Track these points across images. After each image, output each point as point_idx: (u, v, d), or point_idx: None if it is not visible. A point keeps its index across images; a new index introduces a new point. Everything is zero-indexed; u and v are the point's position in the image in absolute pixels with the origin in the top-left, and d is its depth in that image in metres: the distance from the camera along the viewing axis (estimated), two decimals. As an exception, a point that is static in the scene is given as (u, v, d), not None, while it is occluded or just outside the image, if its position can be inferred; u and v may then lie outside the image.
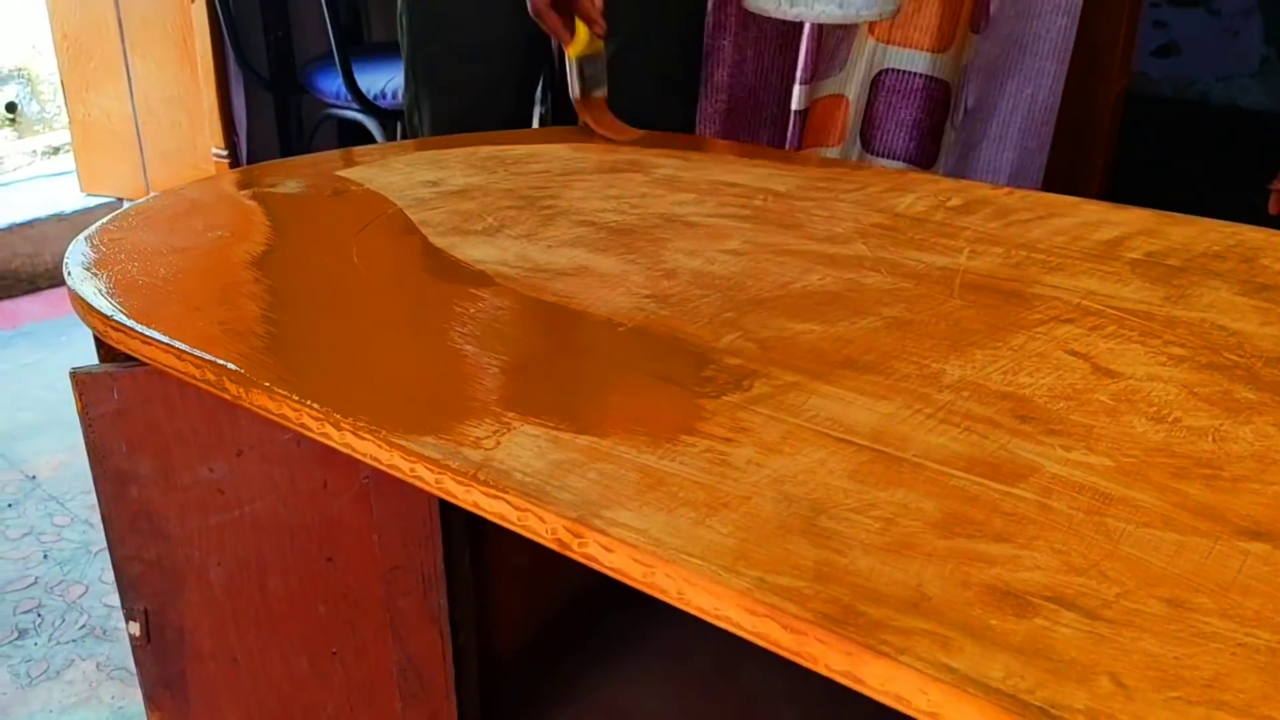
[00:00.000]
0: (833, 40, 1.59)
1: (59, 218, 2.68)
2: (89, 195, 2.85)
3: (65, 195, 2.87)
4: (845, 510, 0.51)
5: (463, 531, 0.88)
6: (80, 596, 1.48)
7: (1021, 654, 0.41)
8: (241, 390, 0.63)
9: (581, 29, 1.21)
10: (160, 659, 0.80)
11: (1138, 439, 0.57)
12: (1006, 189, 1.04)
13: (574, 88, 1.25)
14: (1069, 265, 0.82)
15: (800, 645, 0.43)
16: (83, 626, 1.42)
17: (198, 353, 0.65)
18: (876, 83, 1.63)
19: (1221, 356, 0.66)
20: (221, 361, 0.64)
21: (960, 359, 0.66)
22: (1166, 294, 0.77)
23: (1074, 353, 0.67)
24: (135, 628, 0.79)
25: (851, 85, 1.62)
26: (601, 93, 1.27)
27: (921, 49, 1.62)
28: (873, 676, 0.41)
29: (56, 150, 3.24)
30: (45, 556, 1.55)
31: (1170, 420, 0.59)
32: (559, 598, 1.10)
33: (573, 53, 1.23)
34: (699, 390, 0.62)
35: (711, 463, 0.54)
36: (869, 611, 0.43)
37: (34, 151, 3.27)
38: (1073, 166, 2.48)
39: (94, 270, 0.79)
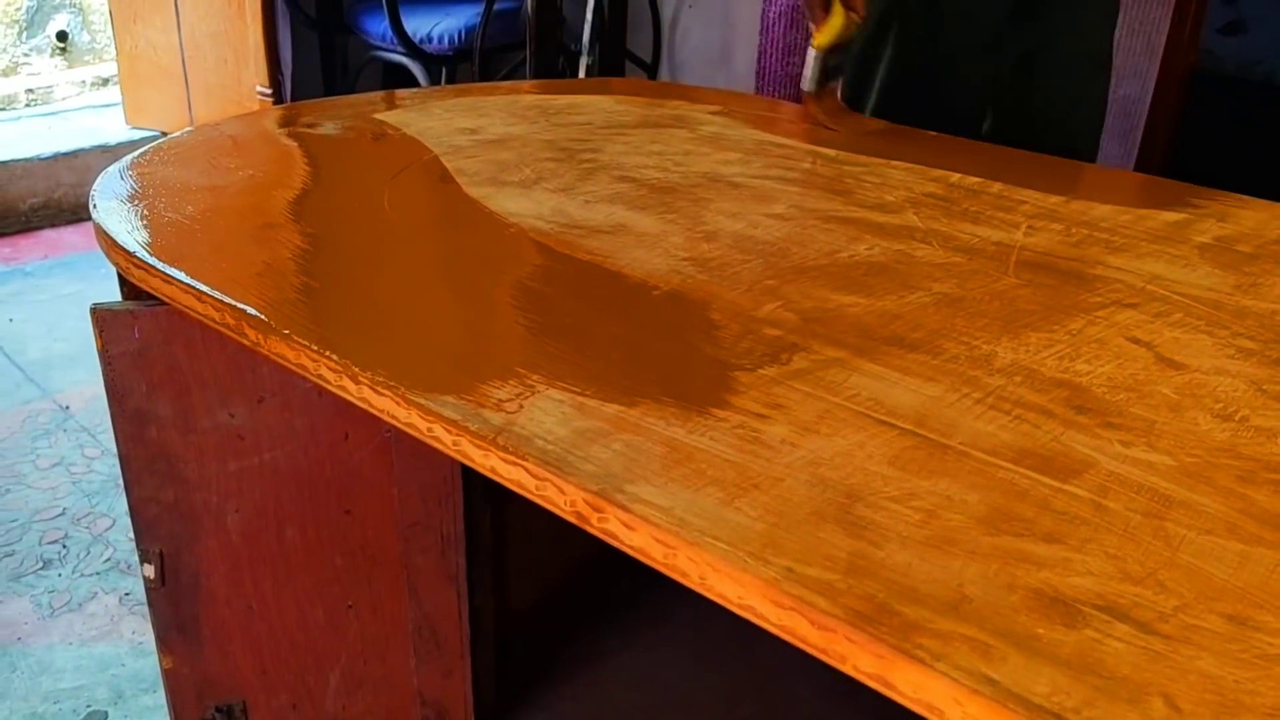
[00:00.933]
0: None
1: (103, 149, 2.68)
2: (134, 128, 2.85)
3: (111, 126, 2.87)
4: (884, 499, 0.47)
5: (484, 492, 0.86)
6: (107, 530, 1.48)
7: (1069, 668, 0.38)
8: (260, 337, 0.60)
9: (838, 13, 1.05)
10: (174, 603, 0.79)
11: (1202, 437, 0.53)
12: (1070, 162, 0.99)
13: (809, 78, 1.09)
14: (1133, 246, 0.77)
15: (828, 643, 0.40)
16: (107, 560, 1.42)
17: (219, 295, 0.63)
18: None
19: (1295, 353, 0.62)
20: (242, 306, 0.62)
21: (1013, 341, 0.63)
22: (1237, 282, 0.72)
23: (1136, 340, 0.63)
24: (150, 570, 0.78)
25: None
26: (836, 84, 1.13)
27: None
28: (905, 683, 0.39)
29: (105, 81, 3.23)
30: (74, 487, 1.56)
31: (1238, 418, 0.55)
32: (579, 562, 1.08)
33: (821, 40, 1.07)
34: (734, 362, 0.59)
35: (743, 440, 0.51)
36: (905, 611, 0.41)
37: (83, 82, 3.27)
38: (1139, 145, 2.39)
39: (121, 204, 0.77)
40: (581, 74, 2.20)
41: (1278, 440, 0.53)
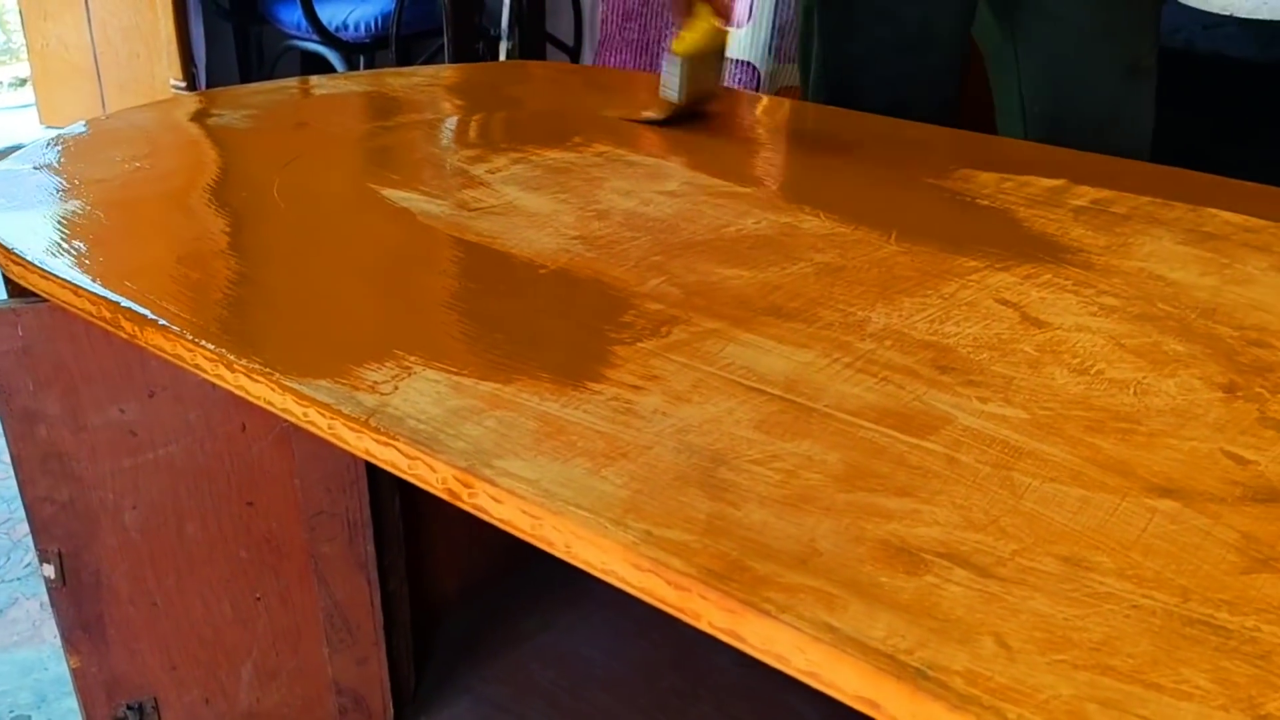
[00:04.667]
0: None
1: (17, 150, 2.62)
2: (49, 128, 2.78)
3: (28, 128, 2.80)
4: (746, 461, 0.49)
5: (391, 477, 0.86)
6: (26, 535, 1.46)
7: (907, 613, 0.40)
8: (137, 329, 0.60)
9: (703, 17, 0.94)
10: (76, 602, 0.78)
11: (1057, 391, 0.55)
12: (959, 131, 1.01)
13: (672, 86, 0.95)
14: (1011, 211, 0.80)
15: (684, 602, 0.42)
16: (27, 565, 1.40)
17: (94, 288, 0.63)
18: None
19: (1155, 307, 0.65)
20: (116, 298, 0.61)
21: (888, 307, 0.64)
22: (1108, 243, 0.75)
23: (1004, 301, 0.65)
24: (50, 570, 0.77)
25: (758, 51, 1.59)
26: (708, 103, 1.00)
27: None
28: (754, 635, 0.40)
29: (24, 81, 3.15)
30: (-10, 494, 1.53)
31: (1093, 372, 0.57)
32: (499, 546, 1.08)
33: (680, 47, 0.95)
34: (614, 336, 0.60)
35: (616, 411, 0.53)
36: (756, 567, 0.42)
37: (1, 83, 3.18)
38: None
39: (4, 202, 0.75)
40: (502, 58, 2.19)
41: (1129, 390, 0.56)
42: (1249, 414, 0.54)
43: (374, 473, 0.84)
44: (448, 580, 1.04)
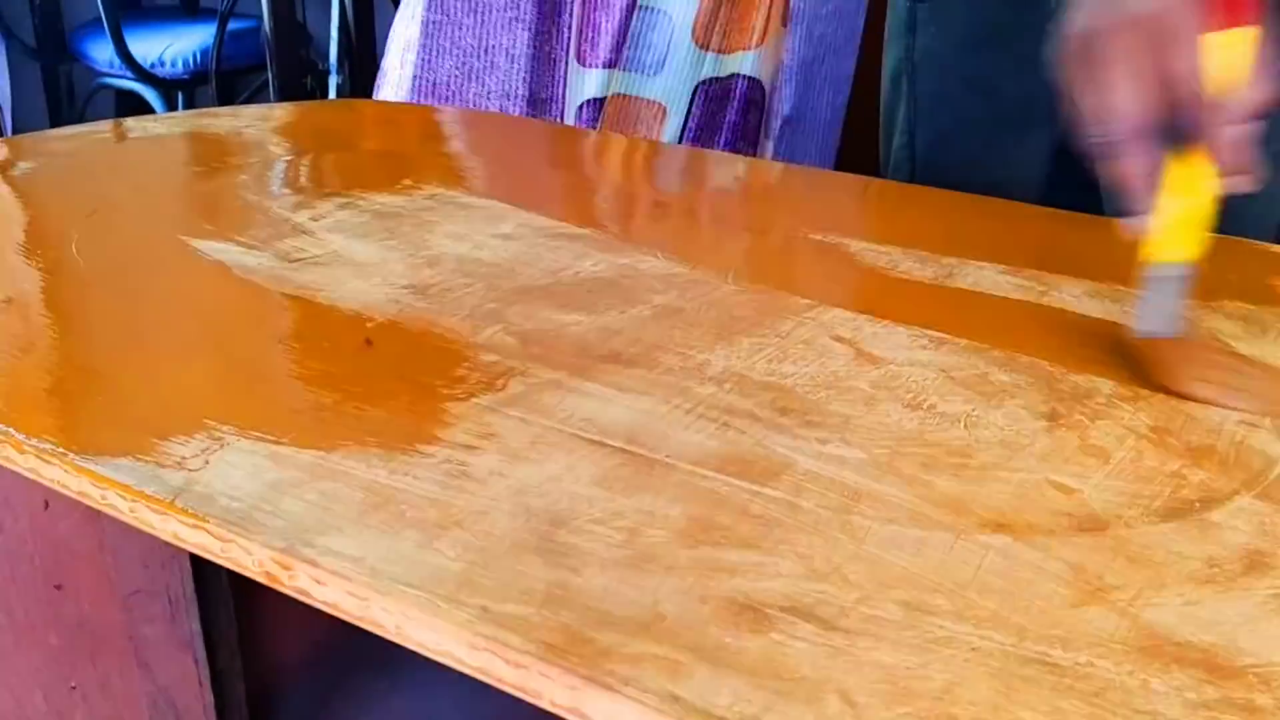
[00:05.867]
0: (640, 26, 1.55)
1: None
2: None
3: None
4: (587, 521, 0.47)
5: (218, 546, 0.80)
6: None
7: (753, 675, 0.38)
8: (-93, 410, 0.54)
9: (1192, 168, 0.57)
10: None
11: (892, 428, 0.56)
12: (797, 168, 1.03)
13: (1154, 318, 0.61)
14: (843, 245, 0.81)
15: (523, 680, 0.39)
16: None
17: None
18: (697, 93, 1.60)
19: (981, 338, 0.67)
20: (-118, 377, 0.55)
21: (727, 348, 0.64)
22: (935, 273, 0.77)
23: (839, 338, 0.66)
24: None
25: (675, 96, 1.58)
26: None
27: (743, 49, 1.60)
28: (597, 712, 0.38)
29: None
30: None
31: (925, 406, 0.58)
32: (341, 606, 1.03)
33: (1162, 251, 0.60)
34: (447, 392, 0.58)
35: (449, 475, 0.50)
36: (597, 638, 0.40)
37: None
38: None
39: None
40: (332, 94, 2.12)
41: (960, 423, 0.57)
42: (1071, 442, 0.55)
43: (199, 543, 0.78)
44: (285, 648, 0.98)
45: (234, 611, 0.84)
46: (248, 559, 0.45)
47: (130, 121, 1.10)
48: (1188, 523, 0.49)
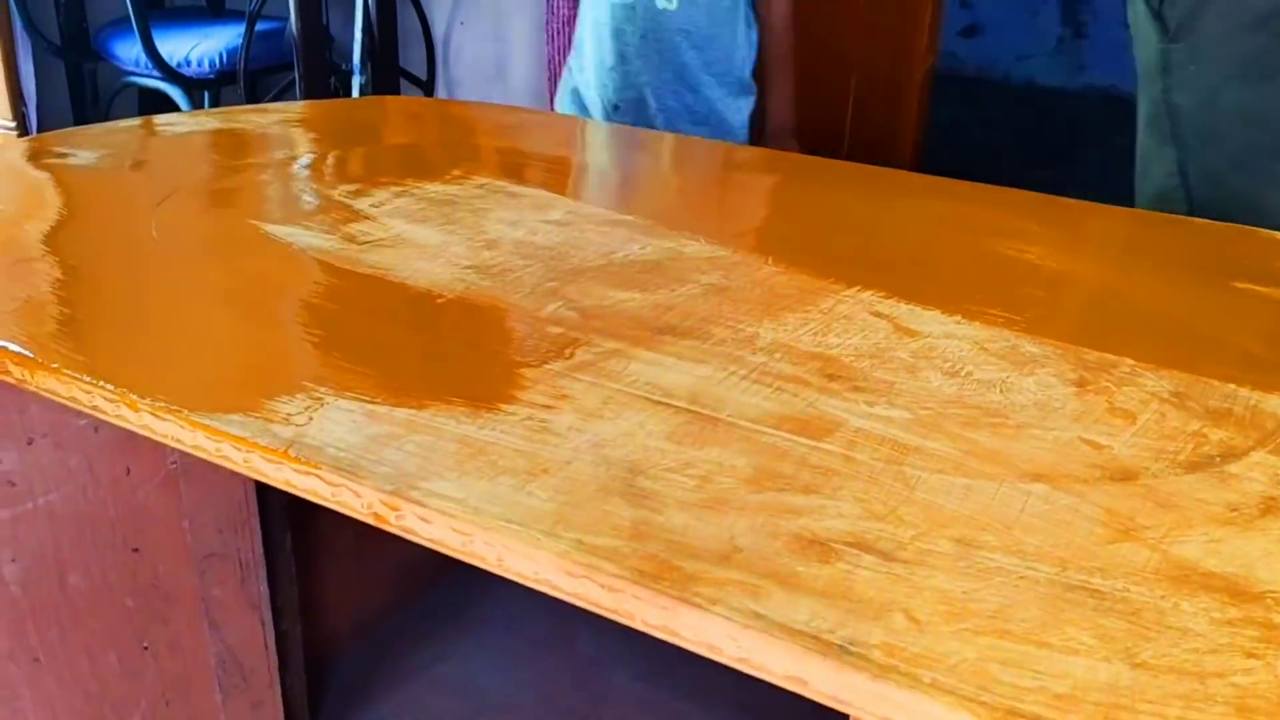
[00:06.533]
0: None
1: None
2: None
3: None
4: (662, 470, 0.52)
5: (283, 514, 0.85)
6: None
7: (825, 597, 0.43)
8: (27, 373, 0.58)
9: None
10: (-52, 666, 0.74)
11: (934, 392, 0.60)
12: (832, 161, 1.08)
13: None
14: (875, 225, 0.86)
15: (618, 603, 0.44)
16: None
17: (-25, 334, 0.60)
18: None
19: (1010, 315, 0.71)
20: (2, 343, 0.59)
21: (774, 322, 0.69)
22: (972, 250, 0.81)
23: (878, 314, 0.70)
24: (-83, 634, 0.73)
25: None
26: None
27: None
28: (686, 628, 0.43)
29: None
30: None
31: (963, 374, 0.63)
32: (387, 576, 1.08)
33: None
34: (520, 360, 0.62)
35: (532, 430, 0.55)
36: (683, 566, 0.45)
37: None
38: (886, 147, 2.59)
39: None
40: (355, 93, 2.17)
41: (996, 389, 0.61)
42: (1100, 405, 0.60)
43: (264, 510, 0.83)
44: (340, 617, 1.02)
45: (296, 579, 0.88)
46: (356, 501, 0.50)
47: (165, 118, 1.15)
48: (1209, 474, 0.53)
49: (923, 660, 0.40)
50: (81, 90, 2.48)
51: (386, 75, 2.24)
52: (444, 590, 1.09)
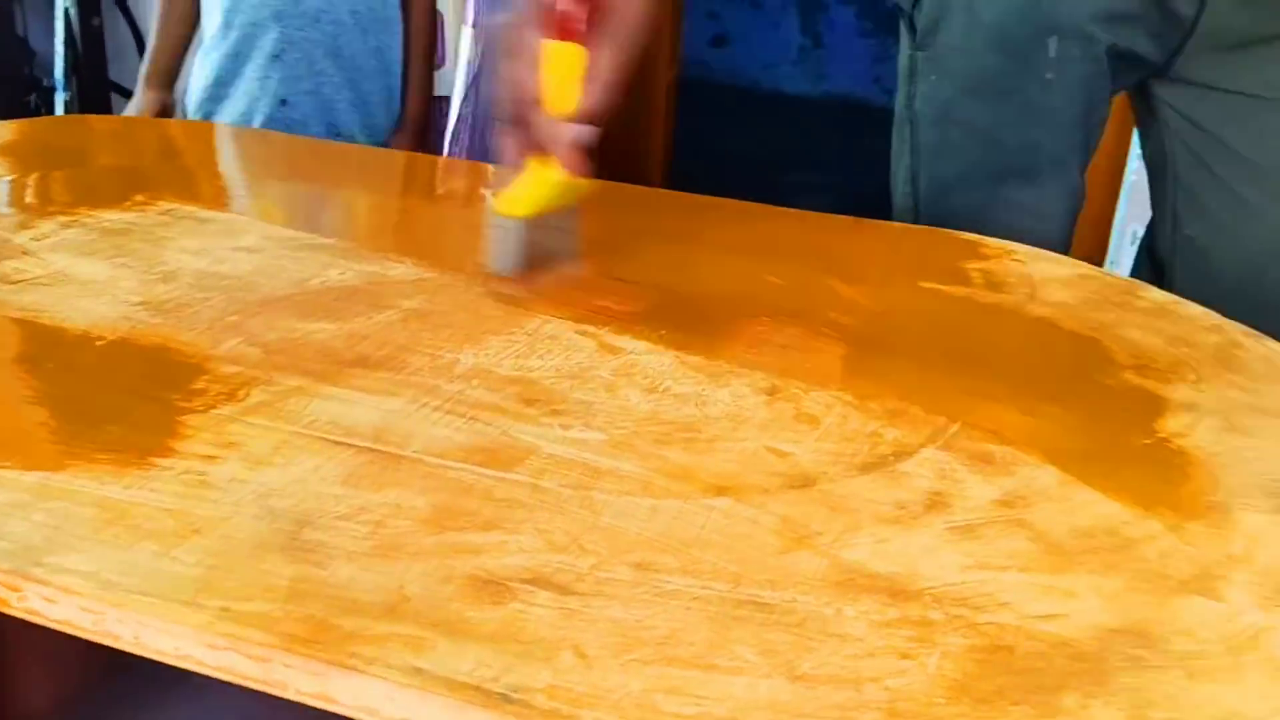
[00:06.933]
0: None
1: None
2: None
3: None
4: (333, 519, 0.48)
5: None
6: None
7: (493, 642, 0.41)
8: None
9: (542, 165, 0.73)
10: None
11: (630, 411, 0.60)
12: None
13: (501, 258, 0.75)
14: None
15: (267, 674, 0.40)
16: None
17: None
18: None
19: (704, 323, 0.72)
20: None
21: (475, 347, 0.66)
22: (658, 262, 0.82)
23: (584, 333, 0.70)
24: None
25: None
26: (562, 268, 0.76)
27: None
28: (343, 694, 0.39)
29: None
30: None
31: (661, 390, 0.63)
32: (92, 646, 0.97)
33: (511, 206, 0.74)
34: (185, 405, 0.57)
35: (188, 485, 0.50)
36: (342, 624, 0.42)
37: None
38: (634, 157, 2.64)
39: None
40: (59, 111, 1.98)
41: (691, 403, 0.61)
42: (788, 412, 0.61)
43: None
44: (38, 695, 0.92)
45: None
46: (-33, 586, 0.43)
47: None
48: (882, 473, 0.55)
49: (586, 699, 0.38)
50: None
51: (95, 90, 2.06)
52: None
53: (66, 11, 1.95)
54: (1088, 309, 0.78)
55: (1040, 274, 0.84)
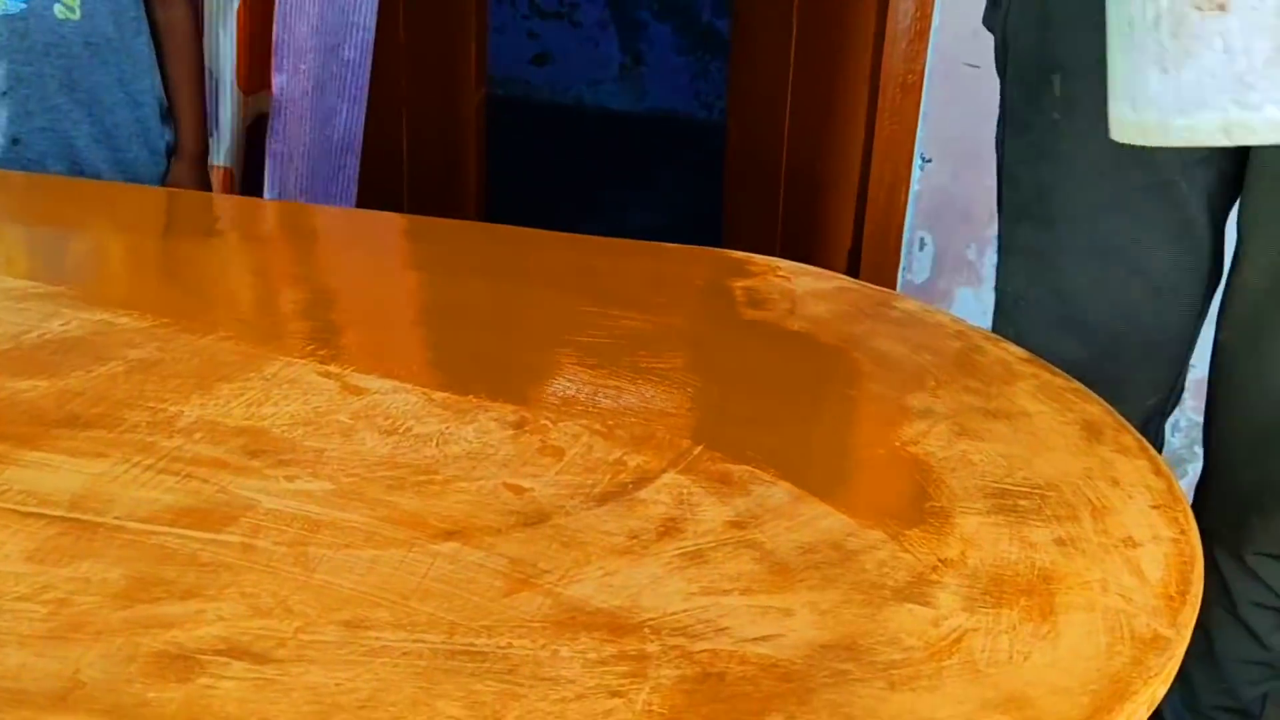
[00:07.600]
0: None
1: None
2: None
3: None
4: (12, 600, 0.44)
5: None
6: None
7: (173, 725, 0.38)
8: None
9: None
10: None
11: (365, 455, 0.58)
12: (301, 207, 1.03)
13: None
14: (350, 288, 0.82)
15: (-94, 787, 0.36)
16: None
17: None
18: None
19: (460, 356, 0.71)
20: None
21: (204, 397, 0.63)
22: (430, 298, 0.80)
23: (327, 374, 0.67)
24: None
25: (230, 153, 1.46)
26: None
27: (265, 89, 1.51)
28: (-8, 801, 0.36)
29: None
30: None
31: (402, 430, 0.60)
32: None
33: None
34: None
35: None
36: (6, 718, 0.38)
37: None
38: (449, 177, 2.60)
39: None
40: None
41: (432, 443, 0.60)
42: (533, 446, 0.60)
43: None
44: None
45: None
46: None
47: None
48: (619, 503, 0.55)
49: (268, 780, 0.36)
50: None
51: None
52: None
53: None
54: (842, 322, 0.81)
55: (803, 288, 0.86)
